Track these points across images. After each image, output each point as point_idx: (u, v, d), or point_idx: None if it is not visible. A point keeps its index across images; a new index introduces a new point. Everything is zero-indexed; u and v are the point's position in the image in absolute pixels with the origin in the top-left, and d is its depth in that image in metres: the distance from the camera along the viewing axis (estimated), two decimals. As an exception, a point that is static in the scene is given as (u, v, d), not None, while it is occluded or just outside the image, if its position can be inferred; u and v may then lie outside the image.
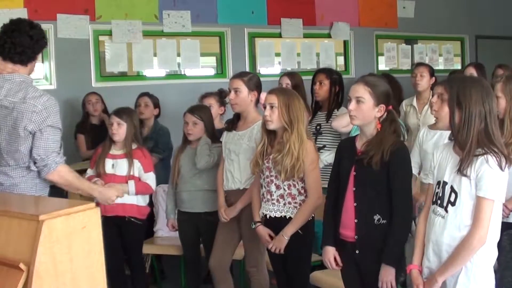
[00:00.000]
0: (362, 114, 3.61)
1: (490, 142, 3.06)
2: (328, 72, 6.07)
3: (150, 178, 5.17)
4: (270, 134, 4.22)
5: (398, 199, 3.53)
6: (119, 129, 5.13)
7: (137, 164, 5.13)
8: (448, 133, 3.32)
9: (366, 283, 3.66)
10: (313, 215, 4.24)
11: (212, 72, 8.55)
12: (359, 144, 3.70)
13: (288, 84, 6.14)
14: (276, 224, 4.20)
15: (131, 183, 5.07)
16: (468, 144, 3.04)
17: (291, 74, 6.49)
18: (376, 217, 3.57)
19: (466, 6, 10.63)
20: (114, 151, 5.19)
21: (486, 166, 3.00)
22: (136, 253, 5.35)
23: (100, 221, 2.52)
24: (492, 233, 3.09)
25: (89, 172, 5.25)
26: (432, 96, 4.76)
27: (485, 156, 3.01)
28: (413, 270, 3.31)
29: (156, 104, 6.64)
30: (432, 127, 4.72)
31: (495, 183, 3.01)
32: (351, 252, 3.67)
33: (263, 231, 4.32)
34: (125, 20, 7.54)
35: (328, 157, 5.40)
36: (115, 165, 5.13)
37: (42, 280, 2.28)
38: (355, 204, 3.63)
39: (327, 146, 5.70)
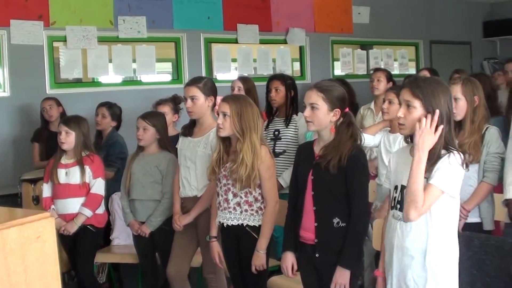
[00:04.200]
0: (318, 119, 3.64)
1: (452, 143, 3.11)
2: (281, 78, 6.09)
3: (97, 184, 5.15)
4: (225, 141, 4.19)
5: (355, 203, 3.57)
6: (67, 138, 5.11)
7: (88, 170, 5.12)
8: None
9: (325, 286, 3.66)
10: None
11: (168, 78, 8.53)
12: (317, 149, 3.73)
13: (240, 87, 6.13)
14: (234, 232, 4.18)
15: (83, 210, 5.08)
16: (437, 147, 3.05)
17: (243, 78, 6.49)
18: (336, 220, 3.60)
19: (421, 12, 10.80)
20: (66, 160, 5.17)
21: (445, 162, 3.02)
22: (85, 262, 5.23)
23: (55, 230, 2.48)
24: (450, 230, 3.14)
25: (45, 189, 5.22)
26: (384, 101, 4.84)
27: (448, 154, 3.04)
28: (378, 278, 3.36)
29: (116, 116, 6.49)
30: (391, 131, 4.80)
31: (448, 176, 3.02)
32: (311, 254, 3.69)
33: (215, 248, 4.36)
34: (80, 26, 7.47)
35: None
36: (68, 174, 5.11)
37: (-5, 291, 2.24)
38: (314, 208, 3.66)
39: (286, 151, 5.72)
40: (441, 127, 3.04)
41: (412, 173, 3.01)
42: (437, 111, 3.04)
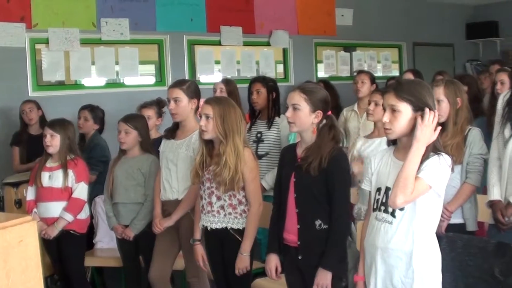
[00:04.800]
0: (299, 120, 3.65)
1: (439, 146, 3.14)
2: (263, 80, 6.10)
3: (79, 188, 5.09)
4: (208, 144, 4.18)
5: (336, 205, 3.59)
6: (53, 141, 5.08)
7: (71, 174, 5.08)
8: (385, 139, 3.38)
9: (309, 288, 3.67)
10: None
11: (151, 80, 8.49)
12: (300, 151, 3.74)
13: (222, 89, 6.15)
14: (218, 236, 4.17)
15: (64, 214, 5.03)
16: (428, 148, 3.06)
17: (226, 80, 6.52)
18: (318, 222, 3.61)
19: (403, 14, 10.82)
20: (50, 163, 5.14)
21: (435, 160, 3.04)
22: (75, 267, 5.21)
23: (37, 234, 2.47)
24: (434, 231, 3.17)
25: (29, 192, 5.18)
26: (370, 103, 4.87)
27: (437, 155, 3.06)
28: (359, 282, 3.36)
29: (98, 119, 6.46)
30: (369, 136, 4.84)
31: (437, 173, 3.04)
32: (295, 257, 3.70)
33: (199, 251, 4.33)
34: (62, 28, 7.42)
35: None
36: (52, 177, 5.07)
37: (-23, 296, 2.22)
38: (297, 210, 3.67)
39: (269, 153, 5.73)
40: (439, 128, 3.06)
41: (407, 160, 3.02)
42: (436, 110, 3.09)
